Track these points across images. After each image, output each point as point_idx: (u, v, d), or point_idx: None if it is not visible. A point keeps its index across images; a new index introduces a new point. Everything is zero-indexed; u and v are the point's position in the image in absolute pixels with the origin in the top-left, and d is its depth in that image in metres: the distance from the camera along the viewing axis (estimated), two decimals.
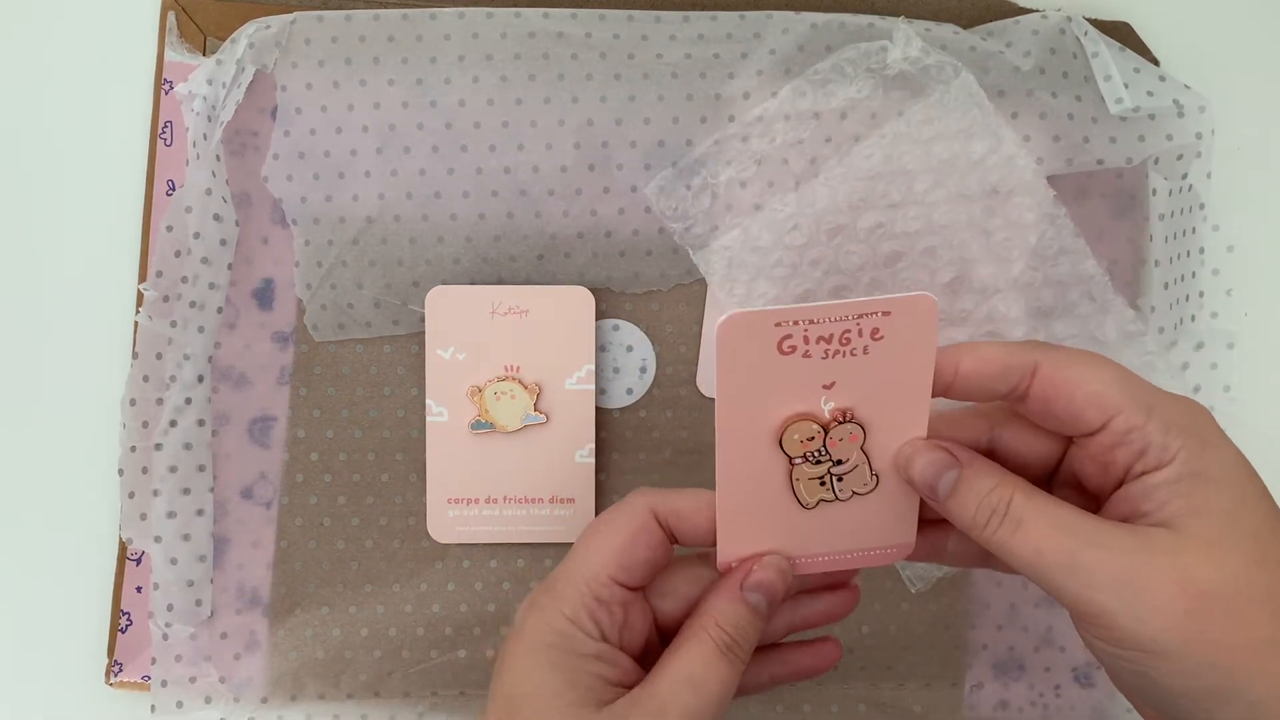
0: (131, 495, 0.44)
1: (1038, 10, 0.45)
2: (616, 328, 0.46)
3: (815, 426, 0.31)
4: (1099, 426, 0.30)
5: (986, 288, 0.44)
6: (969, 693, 0.46)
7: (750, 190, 0.44)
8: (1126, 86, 0.43)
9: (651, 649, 0.34)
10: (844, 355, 0.30)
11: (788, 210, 0.44)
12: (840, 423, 0.31)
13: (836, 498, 0.33)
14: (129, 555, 0.45)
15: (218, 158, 0.44)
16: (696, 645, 0.32)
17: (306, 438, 0.45)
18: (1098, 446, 0.30)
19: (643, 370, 0.46)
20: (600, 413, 0.45)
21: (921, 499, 0.33)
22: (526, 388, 0.44)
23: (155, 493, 0.44)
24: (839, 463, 0.32)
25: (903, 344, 0.30)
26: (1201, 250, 0.46)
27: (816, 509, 0.33)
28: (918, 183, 0.44)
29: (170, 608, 0.44)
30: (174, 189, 0.46)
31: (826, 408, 0.31)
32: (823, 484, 0.32)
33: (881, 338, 0.30)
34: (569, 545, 0.34)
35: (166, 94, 0.45)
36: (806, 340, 0.30)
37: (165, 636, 0.44)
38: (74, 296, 0.46)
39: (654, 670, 0.32)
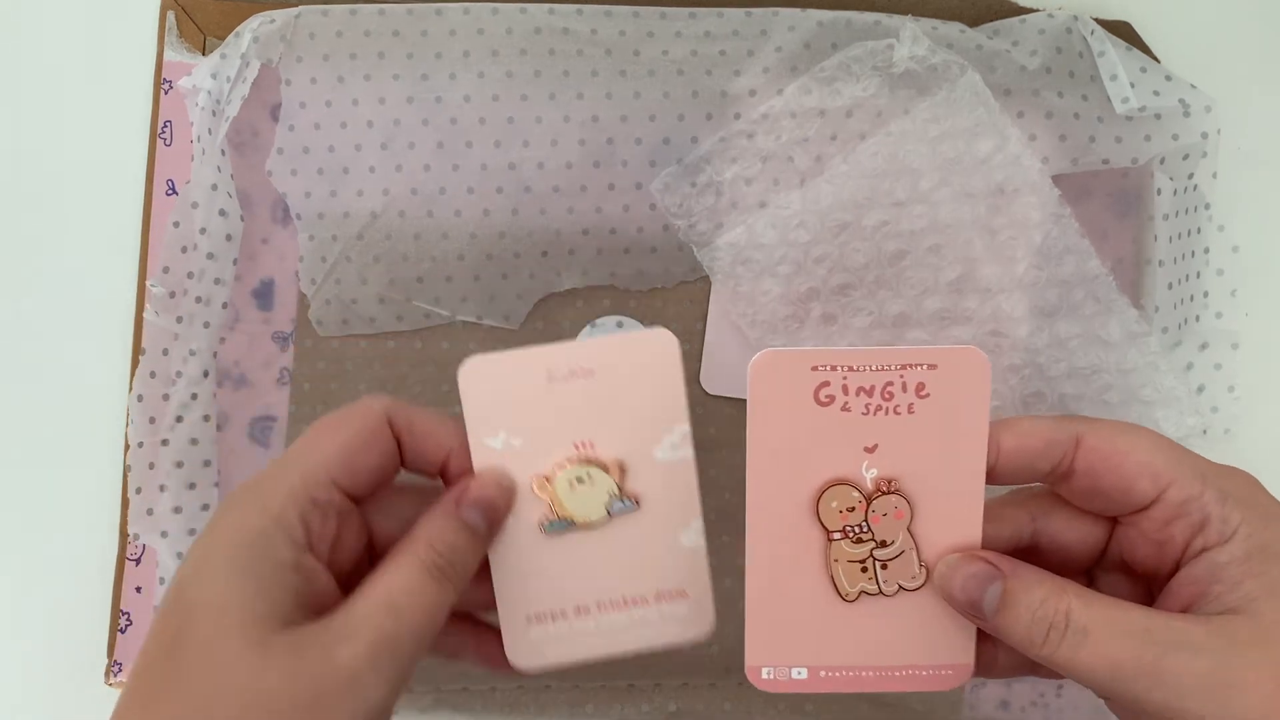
0: (138, 491, 0.44)
1: (1043, 9, 0.45)
2: (621, 324, 0.46)
3: (856, 494, 0.29)
4: (1152, 499, 0.28)
5: (991, 287, 0.44)
6: (969, 691, 0.46)
7: (755, 188, 0.44)
8: (1132, 86, 0.43)
9: (361, 574, 0.30)
10: (887, 413, 0.28)
11: (793, 208, 0.44)
12: (884, 493, 0.29)
13: (880, 591, 0.29)
14: (128, 555, 0.45)
15: (222, 152, 0.44)
16: (401, 565, 0.29)
17: None
18: (1151, 523, 0.28)
19: None
20: None
21: None
22: (607, 468, 0.34)
23: (161, 488, 0.44)
24: (883, 545, 0.29)
25: (951, 405, 0.28)
26: (1206, 250, 0.46)
27: (858, 603, 0.29)
28: (923, 181, 0.44)
29: None
30: (174, 189, 0.45)
31: (869, 475, 0.29)
32: (864, 570, 0.29)
33: (928, 395, 0.28)
34: (685, 646, 0.31)
35: (166, 93, 0.45)
36: (846, 390, 0.28)
37: None
38: (73, 296, 0.46)
39: (355, 592, 0.28)
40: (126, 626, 0.45)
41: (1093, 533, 0.30)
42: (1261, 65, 0.47)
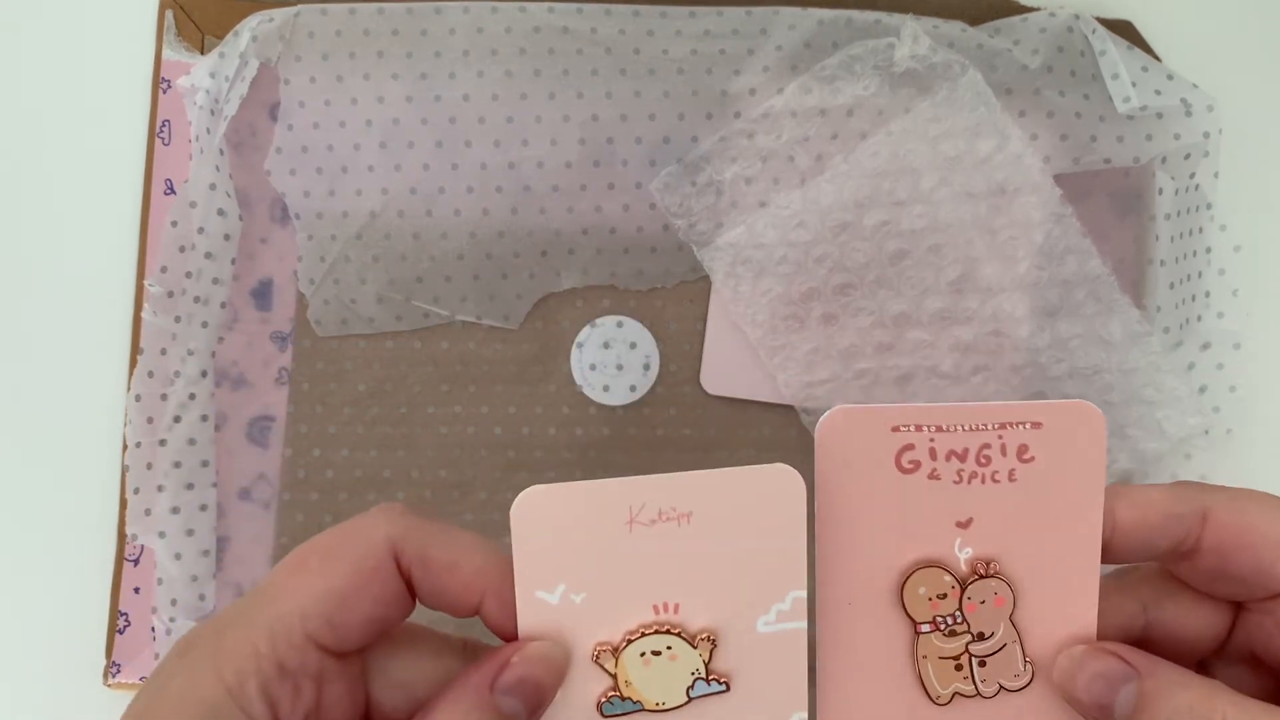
0: (136, 491, 0.44)
1: (1044, 8, 0.45)
2: (620, 324, 0.45)
3: (948, 579, 0.25)
4: None
5: (992, 286, 0.44)
6: None
7: (756, 187, 0.44)
8: (1134, 85, 0.43)
9: None
10: (984, 480, 0.24)
11: (793, 207, 0.44)
12: (981, 577, 0.25)
13: (979, 692, 0.25)
14: (127, 556, 0.45)
15: (221, 152, 0.44)
16: None
17: (309, 433, 0.45)
18: None
19: (646, 368, 0.45)
20: (603, 410, 0.45)
21: None
22: (693, 641, 0.27)
23: (160, 488, 0.44)
24: (980, 638, 0.25)
25: (1060, 471, 0.24)
26: (1208, 250, 0.46)
27: (950, 706, 0.25)
28: (924, 180, 0.43)
29: (174, 603, 0.44)
30: (172, 188, 0.45)
31: (962, 555, 0.25)
32: (959, 668, 0.25)
33: (1031, 459, 0.24)
34: None
35: (165, 92, 0.45)
36: (934, 455, 0.24)
37: (169, 632, 0.44)
38: (71, 295, 0.46)
39: None
40: (125, 627, 0.45)
41: (1216, 620, 0.26)
42: (1263, 64, 0.47)
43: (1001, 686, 0.25)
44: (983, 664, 0.25)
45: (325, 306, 0.45)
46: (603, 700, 0.26)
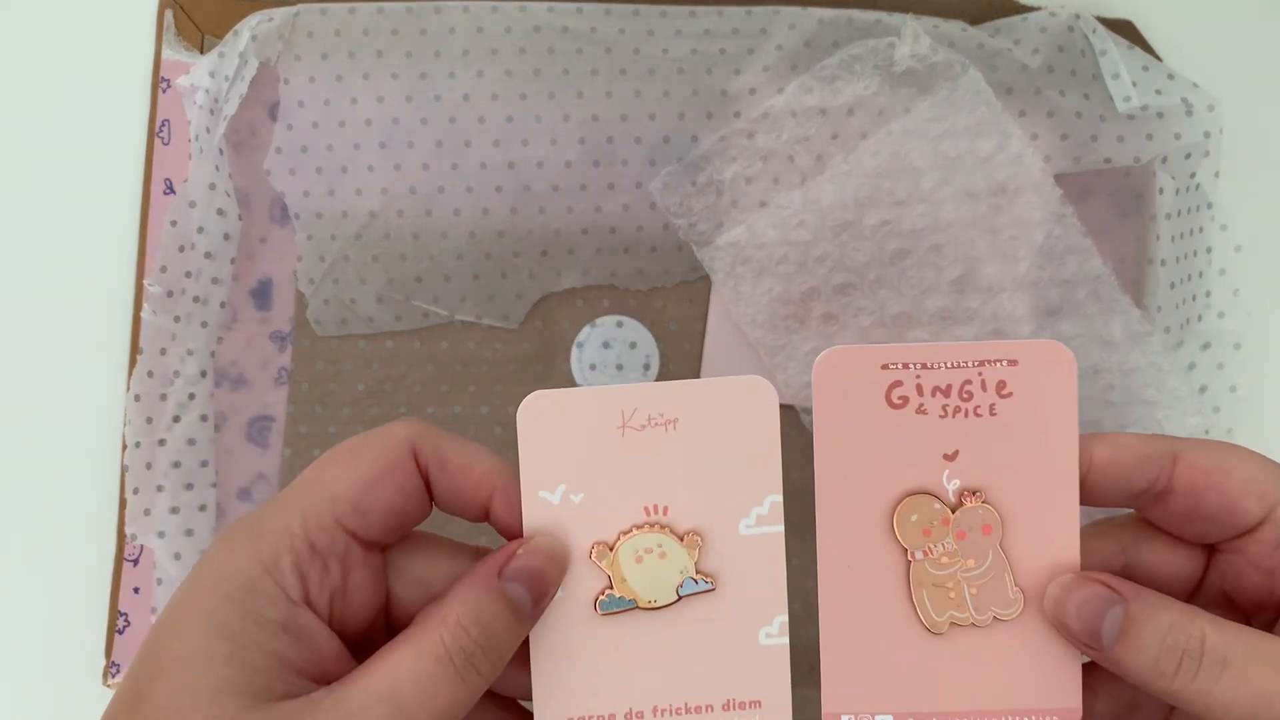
0: (135, 491, 0.44)
1: (1045, 8, 0.45)
2: (620, 324, 0.45)
3: (938, 506, 0.26)
4: (1259, 519, 0.25)
5: (992, 286, 0.44)
6: None
7: (756, 187, 0.44)
8: (1135, 85, 0.43)
9: (376, 637, 0.26)
10: (967, 415, 0.26)
11: (793, 207, 0.44)
12: (968, 506, 0.26)
13: (973, 620, 0.26)
14: (126, 556, 0.45)
15: (220, 151, 0.44)
16: (417, 649, 0.24)
17: (309, 433, 0.45)
18: (1260, 546, 0.26)
19: (646, 367, 0.45)
20: None
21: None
22: (682, 539, 0.29)
23: (159, 488, 0.43)
24: (971, 565, 0.26)
25: (1037, 406, 0.26)
26: (1209, 250, 0.46)
27: (947, 636, 0.26)
28: (924, 180, 0.43)
29: None
30: (171, 188, 0.45)
31: (951, 486, 0.26)
32: (952, 596, 0.26)
33: (1010, 395, 0.26)
34: None
35: (164, 92, 0.45)
36: (920, 391, 0.25)
37: None
38: (71, 295, 0.46)
39: (358, 670, 0.24)
40: (124, 627, 0.45)
41: (1189, 563, 0.28)
42: (1264, 64, 0.47)
43: (995, 615, 0.26)
44: (974, 591, 0.26)
45: (325, 306, 0.45)
46: (600, 597, 0.28)
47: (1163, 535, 0.28)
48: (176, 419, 0.44)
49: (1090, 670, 0.29)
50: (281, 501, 0.25)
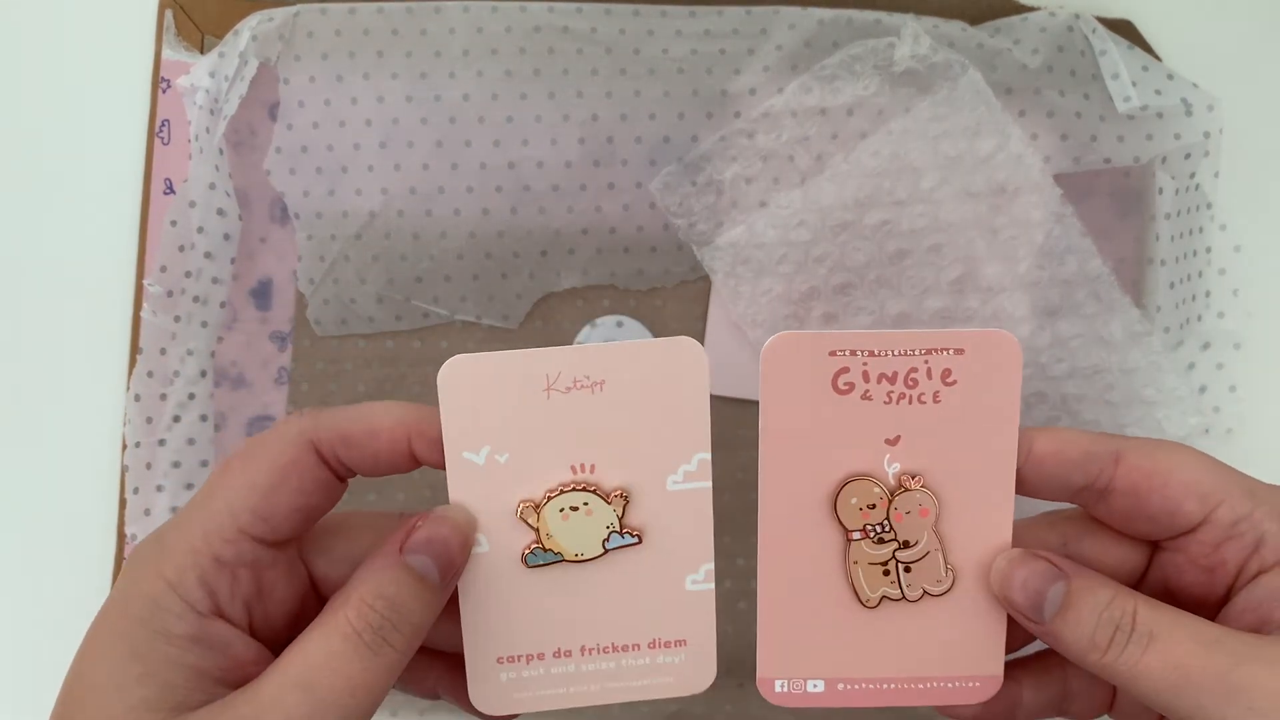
0: (135, 491, 0.44)
1: (1044, 8, 0.45)
2: (620, 324, 0.45)
3: (878, 490, 0.27)
4: (1200, 520, 0.26)
5: (992, 286, 0.44)
6: None
7: (756, 187, 0.44)
8: (1134, 85, 0.43)
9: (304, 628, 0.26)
10: (910, 401, 0.26)
11: (793, 207, 0.44)
12: (908, 489, 0.27)
13: (904, 596, 0.27)
14: (125, 556, 0.45)
15: (220, 151, 0.44)
16: (323, 630, 0.24)
17: None
18: (1200, 546, 0.26)
19: None
20: None
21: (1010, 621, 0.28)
22: (608, 497, 0.29)
23: (159, 488, 0.43)
24: (906, 545, 0.27)
25: (980, 393, 0.26)
26: (1208, 250, 0.46)
27: (879, 610, 0.27)
28: (924, 180, 0.43)
29: None
30: (171, 188, 0.45)
31: (891, 469, 0.27)
32: (886, 573, 0.27)
33: (954, 382, 0.26)
34: (683, 699, 0.28)
35: (164, 92, 0.45)
36: (866, 377, 0.26)
37: None
38: (71, 294, 0.46)
39: (272, 664, 0.24)
40: None
41: (1131, 558, 0.28)
42: (1264, 63, 0.47)
43: (925, 591, 0.27)
44: (908, 570, 0.27)
45: (325, 306, 0.45)
46: (526, 552, 0.29)
47: (1106, 530, 0.28)
48: (176, 419, 0.44)
49: (1023, 662, 0.29)
50: (184, 517, 0.25)
